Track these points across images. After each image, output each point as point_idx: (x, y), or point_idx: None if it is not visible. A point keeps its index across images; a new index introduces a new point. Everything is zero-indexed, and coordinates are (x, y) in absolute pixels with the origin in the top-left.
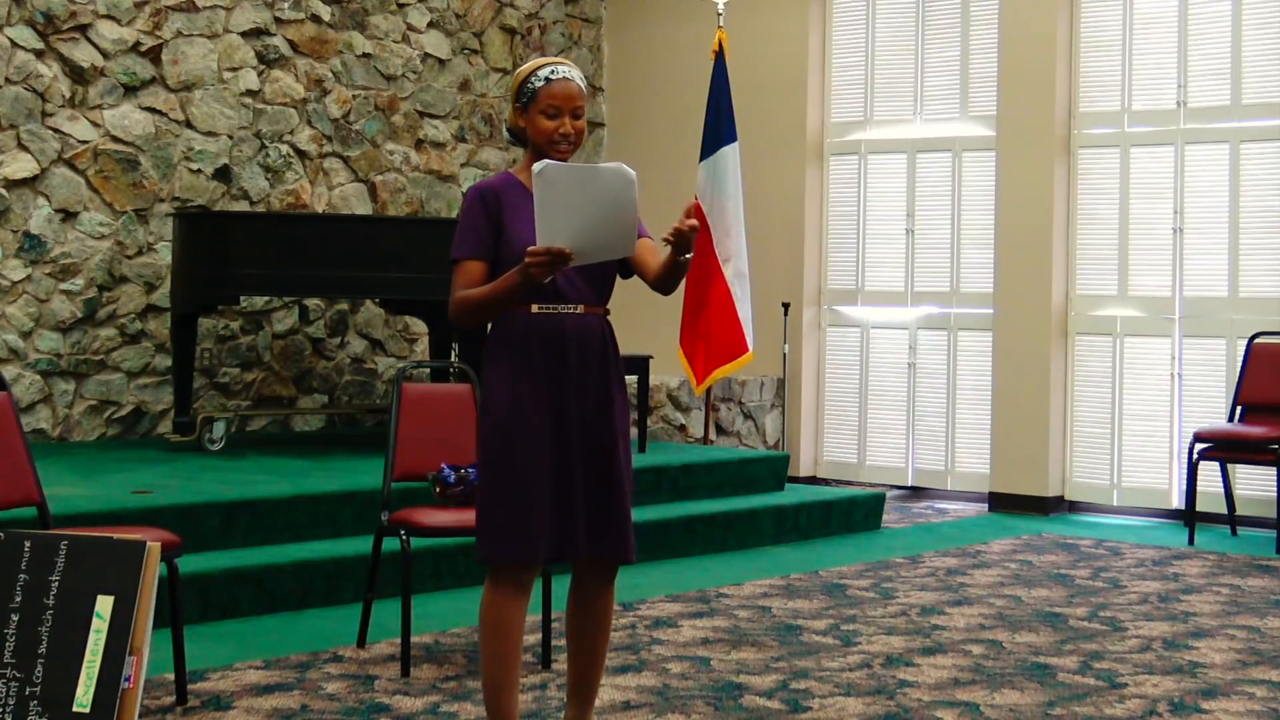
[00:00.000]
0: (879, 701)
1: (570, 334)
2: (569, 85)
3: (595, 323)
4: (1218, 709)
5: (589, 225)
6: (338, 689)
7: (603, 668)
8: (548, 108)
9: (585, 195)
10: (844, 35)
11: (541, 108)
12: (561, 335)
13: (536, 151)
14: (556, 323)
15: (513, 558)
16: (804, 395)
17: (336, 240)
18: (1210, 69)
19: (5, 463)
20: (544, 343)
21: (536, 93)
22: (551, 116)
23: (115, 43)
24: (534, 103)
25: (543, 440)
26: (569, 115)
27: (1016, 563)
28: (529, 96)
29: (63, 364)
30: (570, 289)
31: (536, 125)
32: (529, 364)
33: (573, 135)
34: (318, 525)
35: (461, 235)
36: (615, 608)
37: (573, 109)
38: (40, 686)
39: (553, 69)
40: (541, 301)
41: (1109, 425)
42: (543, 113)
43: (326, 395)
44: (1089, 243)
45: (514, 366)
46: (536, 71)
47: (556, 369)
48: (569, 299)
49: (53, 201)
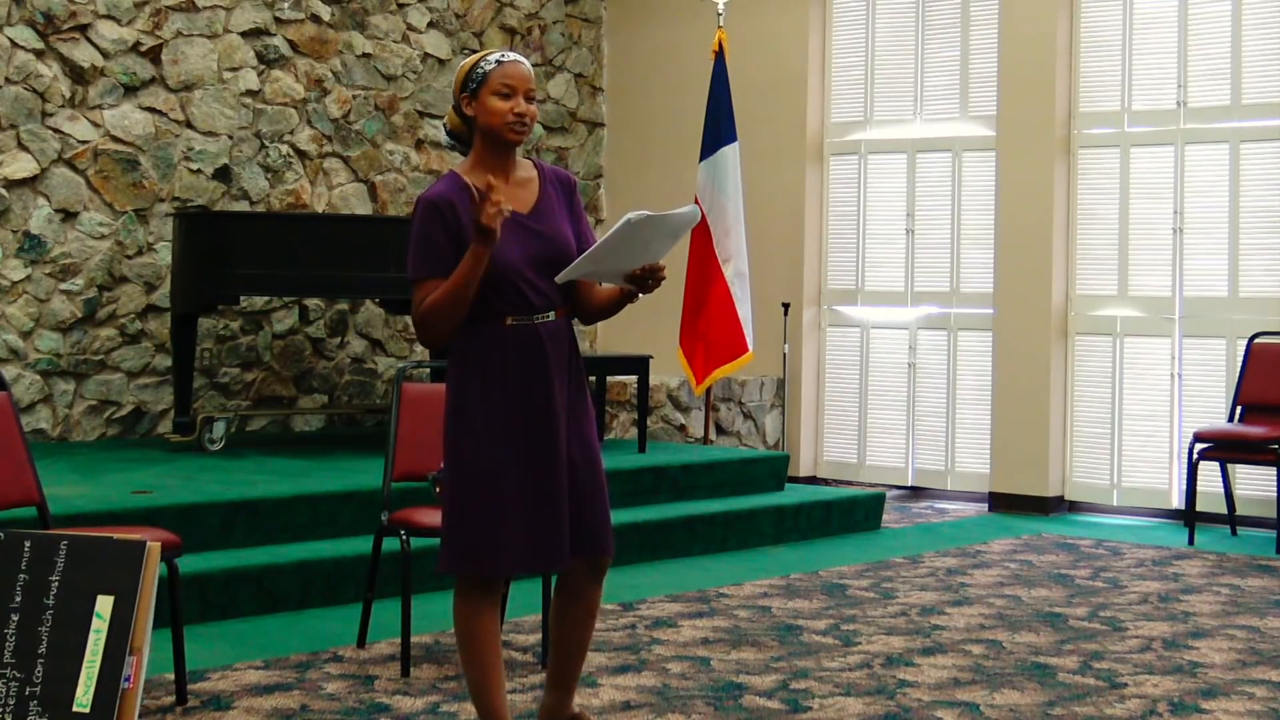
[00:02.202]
0: (879, 701)
1: (547, 343)
2: (520, 66)
3: (565, 325)
4: (1218, 709)
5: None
6: (338, 689)
7: (584, 659)
8: (501, 87)
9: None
10: (844, 35)
11: (494, 88)
12: (540, 345)
13: (487, 138)
14: (533, 334)
15: (478, 573)
16: (804, 395)
17: (336, 240)
18: (1210, 69)
19: (5, 463)
20: (521, 354)
21: (488, 75)
22: (505, 96)
23: (115, 43)
24: (485, 85)
25: (521, 453)
26: (523, 96)
27: (1016, 563)
28: (479, 80)
29: (63, 364)
30: (540, 299)
31: (489, 106)
32: (505, 375)
33: (528, 117)
34: (318, 525)
35: (421, 254)
36: (615, 607)
37: (526, 91)
38: (40, 686)
39: (502, 54)
40: (515, 314)
41: (1109, 425)
42: (495, 93)
43: (326, 395)
44: (1089, 243)
45: (487, 377)
46: (485, 58)
47: (536, 380)
48: (540, 308)
49: (53, 201)
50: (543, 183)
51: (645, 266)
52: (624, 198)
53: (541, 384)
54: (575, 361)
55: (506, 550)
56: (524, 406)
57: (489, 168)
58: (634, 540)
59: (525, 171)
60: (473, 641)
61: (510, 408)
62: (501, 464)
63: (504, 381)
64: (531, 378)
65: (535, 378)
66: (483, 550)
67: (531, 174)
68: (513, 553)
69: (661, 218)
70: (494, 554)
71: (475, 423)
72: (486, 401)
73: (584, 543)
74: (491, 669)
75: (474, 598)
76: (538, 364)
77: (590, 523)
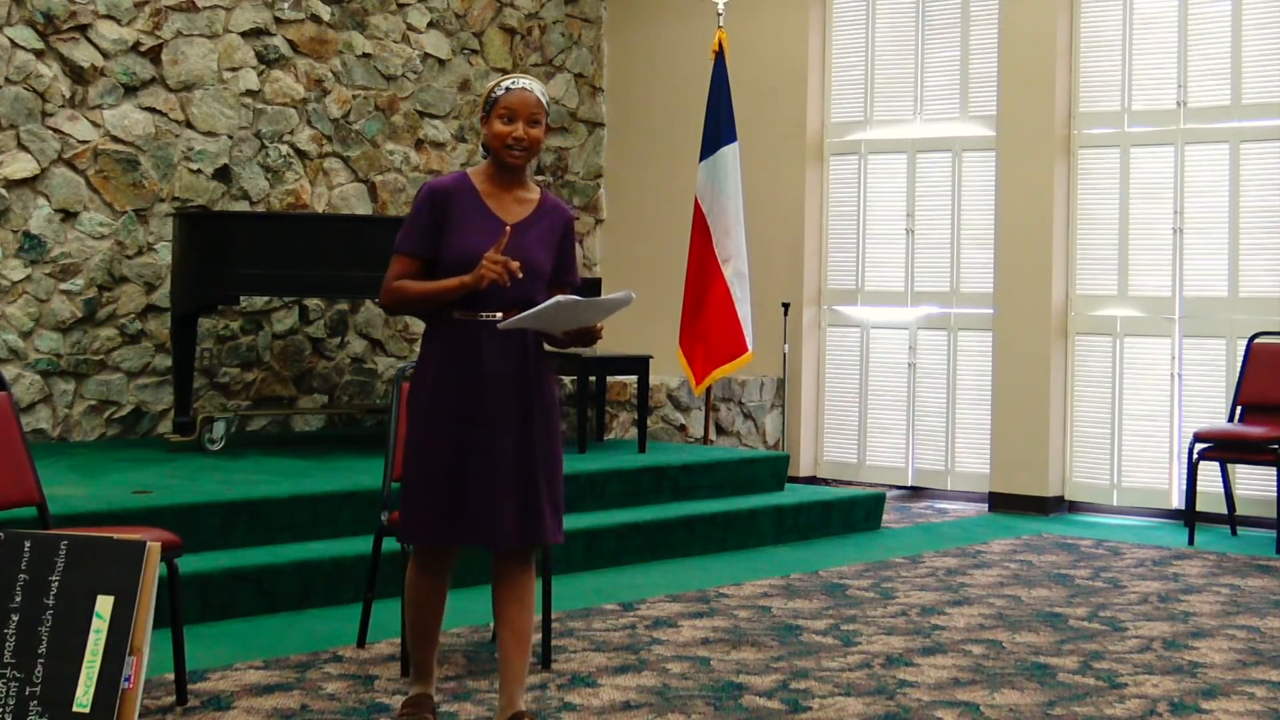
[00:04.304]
0: (879, 701)
1: (487, 339)
2: (526, 94)
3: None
4: (1218, 709)
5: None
6: (338, 689)
7: (528, 650)
8: (503, 112)
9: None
10: (844, 35)
11: (498, 113)
12: (483, 341)
13: (492, 156)
14: (476, 329)
15: (411, 543)
16: (804, 395)
17: (336, 240)
18: (1210, 69)
19: (5, 463)
20: (464, 346)
21: (497, 101)
22: (506, 121)
23: (115, 43)
24: (493, 110)
25: (458, 437)
26: (524, 121)
27: (1016, 563)
28: (491, 105)
29: (63, 364)
30: (490, 298)
31: (492, 129)
32: (450, 365)
33: (526, 140)
34: (318, 525)
35: (407, 229)
36: (615, 607)
37: (529, 115)
38: (40, 686)
39: (513, 80)
40: (463, 309)
41: (1109, 425)
42: (499, 118)
43: (326, 395)
44: (1089, 243)
45: (437, 366)
46: (500, 84)
47: (473, 371)
48: (489, 307)
49: (53, 201)
50: (538, 208)
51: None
52: (624, 198)
53: (482, 376)
54: (527, 362)
55: (433, 525)
56: (464, 395)
57: (495, 178)
58: (634, 540)
59: (529, 193)
60: (411, 603)
61: (453, 396)
62: (439, 446)
63: (449, 370)
64: (473, 369)
65: (476, 370)
66: (416, 523)
67: (534, 197)
68: (439, 528)
69: (589, 303)
70: (423, 528)
71: (422, 407)
72: (432, 388)
73: (524, 529)
74: (423, 630)
75: (420, 566)
76: (480, 357)
77: (532, 510)
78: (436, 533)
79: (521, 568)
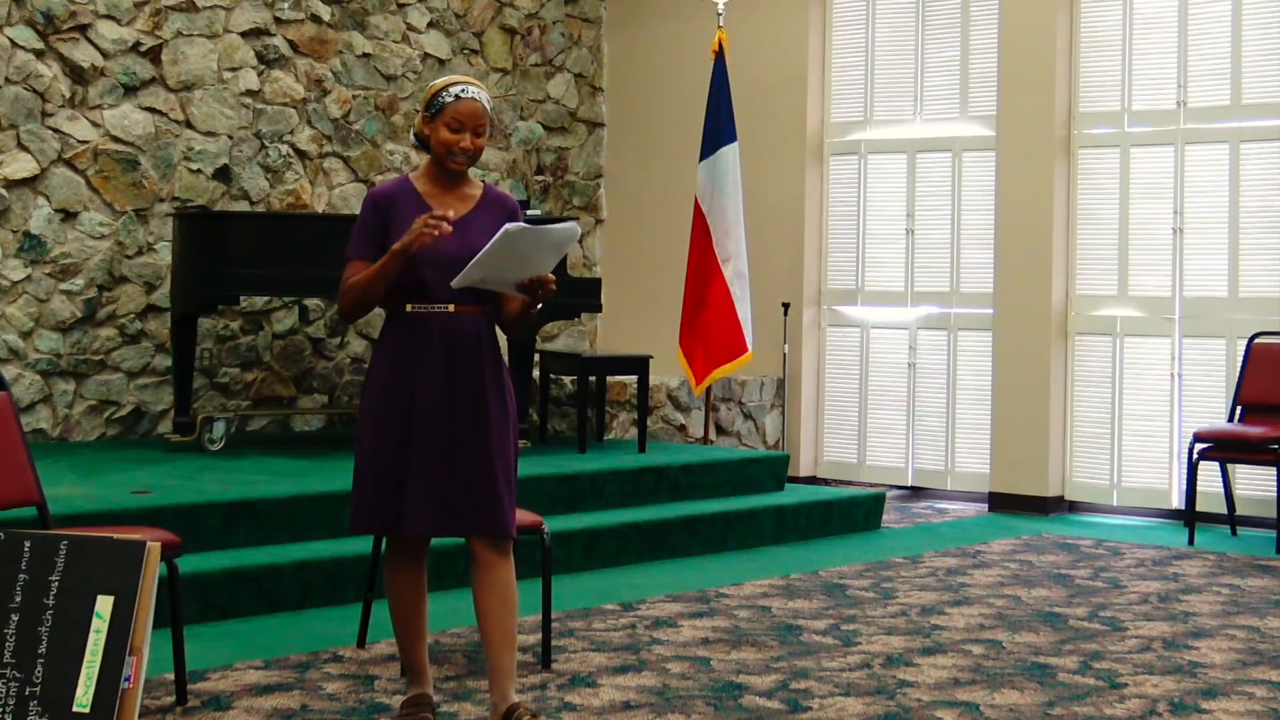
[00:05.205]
0: (879, 701)
1: (438, 331)
2: (475, 104)
3: (468, 320)
4: (1218, 709)
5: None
6: (338, 689)
7: (514, 646)
8: (452, 121)
9: (530, 246)
10: (844, 35)
11: (446, 120)
12: (429, 332)
13: (434, 159)
14: (426, 321)
15: (367, 531)
16: (804, 395)
17: (336, 240)
18: (1210, 69)
19: (5, 463)
20: (415, 338)
21: (445, 107)
22: (454, 130)
23: (115, 43)
24: (440, 115)
25: (408, 427)
26: (470, 132)
27: (1016, 563)
28: (437, 109)
29: (63, 364)
30: (440, 292)
31: (439, 136)
32: (401, 356)
33: (471, 150)
34: (318, 525)
35: (356, 235)
36: (615, 607)
37: (475, 126)
38: (40, 686)
39: (463, 88)
40: (415, 301)
41: (1109, 425)
42: (446, 125)
43: (326, 395)
44: (1089, 243)
45: (389, 358)
46: (449, 88)
47: (424, 361)
48: (439, 299)
49: (53, 201)
50: (481, 201)
51: (533, 278)
52: (624, 198)
53: (431, 367)
54: (480, 354)
55: (389, 513)
56: (412, 386)
57: (437, 179)
58: (634, 540)
59: (471, 189)
60: (390, 593)
61: (400, 385)
62: (384, 435)
63: (399, 361)
64: (423, 361)
65: (426, 361)
66: (371, 512)
67: (476, 192)
68: (389, 516)
69: (538, 230)
70: (381, 516)
71: (371, 396)
72: (381, 378)
73: (478, 522)
74: (407, 620)
75: (392, 555)
76: (430, 349)
77: (483, 503)
78: (387, 521)
79: (502, 563)
